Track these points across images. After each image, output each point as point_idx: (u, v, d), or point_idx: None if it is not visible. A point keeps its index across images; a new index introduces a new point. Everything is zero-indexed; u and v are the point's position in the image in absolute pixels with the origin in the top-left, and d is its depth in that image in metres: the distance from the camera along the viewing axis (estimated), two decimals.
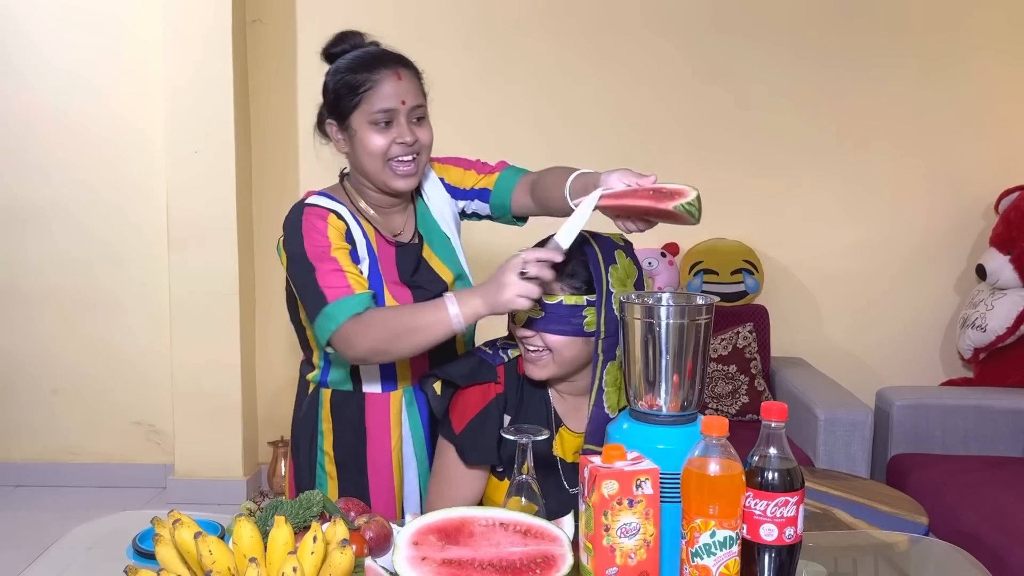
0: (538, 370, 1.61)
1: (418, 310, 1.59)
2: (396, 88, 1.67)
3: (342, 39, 1.75)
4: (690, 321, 1.31)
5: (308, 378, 1.83)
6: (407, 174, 1.70)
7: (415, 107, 1.70)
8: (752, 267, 3.53)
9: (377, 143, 1.67)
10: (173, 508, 1.24)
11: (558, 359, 1.60)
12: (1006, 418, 3.13)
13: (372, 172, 1.70)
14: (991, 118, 3.63)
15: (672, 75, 3.66)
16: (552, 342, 1.58)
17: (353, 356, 1.63)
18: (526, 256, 1.49)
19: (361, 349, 1.59)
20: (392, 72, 1.67)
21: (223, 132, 3.53)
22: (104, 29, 3.68)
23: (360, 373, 1.77)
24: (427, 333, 1.56)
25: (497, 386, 1.65)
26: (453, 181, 1.86)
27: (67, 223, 3.77)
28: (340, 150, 1.76)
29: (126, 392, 3.86)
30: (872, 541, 1.73)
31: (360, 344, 1.59)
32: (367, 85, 1.67)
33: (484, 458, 1.63)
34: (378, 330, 1.57)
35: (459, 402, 1.67)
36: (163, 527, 1.22)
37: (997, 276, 3.41)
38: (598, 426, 1.54)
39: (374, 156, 1.68)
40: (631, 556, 1.18)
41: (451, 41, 3.63)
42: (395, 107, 1.67)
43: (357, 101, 1.67)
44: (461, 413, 1.65)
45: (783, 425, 1.20)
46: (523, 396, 1.67)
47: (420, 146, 1.71)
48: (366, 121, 1.67)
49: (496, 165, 1.88)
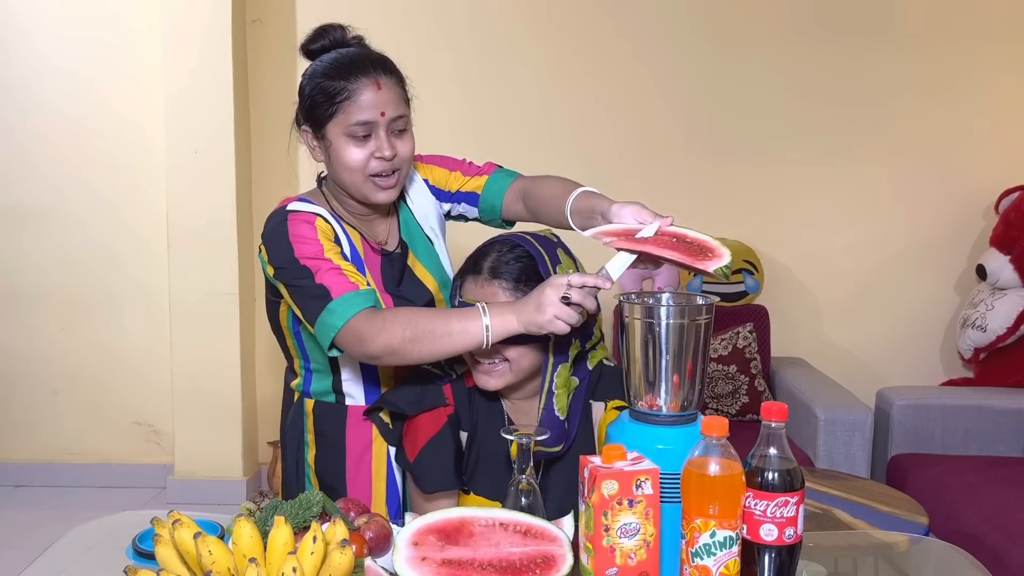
0: (494, 380, 1.57)
1: (447, 315, 1.49)
2: (375, 98, 1.56)
3: (322, 34, 1.66)
4: (690, 321, 1.30)
5: (292, 386, 1.78)
6: (388, 186, 1.61)
7: (396, 118, 1.59)
8: (752, 267, 3.53)
9: (355, 157, 1.58)
10: (173, 508, 1.24)
11: (515, 368, 1.56)
12: (1006, 418, 3.13)
13: (350, 185, 1.62)
14: (991, 118, 3.63)
15: (672, 76, 3.65)
16: (511, 353, 1.54)
17: (364, 353, 1.52)
18: (573, 280, 1.39)
19: (376, 345, 1.48)
20: (371, 81, 1.57)
21: (223, 132, 3.53)
22: (104, 29, 3.68)
23: (342, 385, 1.71)
24: (452, 340, 1.46)
25: (447, 408, 1.62)
26: (437, 182, 1.79)
27: (67, 223, 3.77)
28: (315, 159, 1.66)
29: (126, 392, 3.86)
30: (872, 541, 1.73)
31: (376, 340, 1.47)
32: (344, 94, 1.56)
33: (442, 484, 1.59)
34: (400, 328, 1.47)
35: (411, 429, 1.63)
36: (163, 527, 1.22)
37: (997, 276, 3.41)
38: (550, 426, 1.52)
39: (351, 171, 1.59)
40: (631, 556, 1.18)
41: (448, 41, 3.63)
42: (374, 119, 1.57)
43: (333, 111, 1.57)
44: (413, 440, 1.61)
45: (783, 425, 1.20)
46: (475, 409, 1.64)
47: (400, 160, 1.61)
48: (342, 133, 1.57)
49: (484, 167, 1.80)
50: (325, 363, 1.71)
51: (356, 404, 1.72)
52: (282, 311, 1.71)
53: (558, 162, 3.10)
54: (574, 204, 1.59)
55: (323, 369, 1.72)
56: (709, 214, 3.63)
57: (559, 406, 1.55)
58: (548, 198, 1.66)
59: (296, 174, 3.70)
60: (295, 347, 1.73)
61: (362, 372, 1.71)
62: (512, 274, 1.56)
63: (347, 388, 1.72)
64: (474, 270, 1.60)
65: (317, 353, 1.70)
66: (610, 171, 3.60)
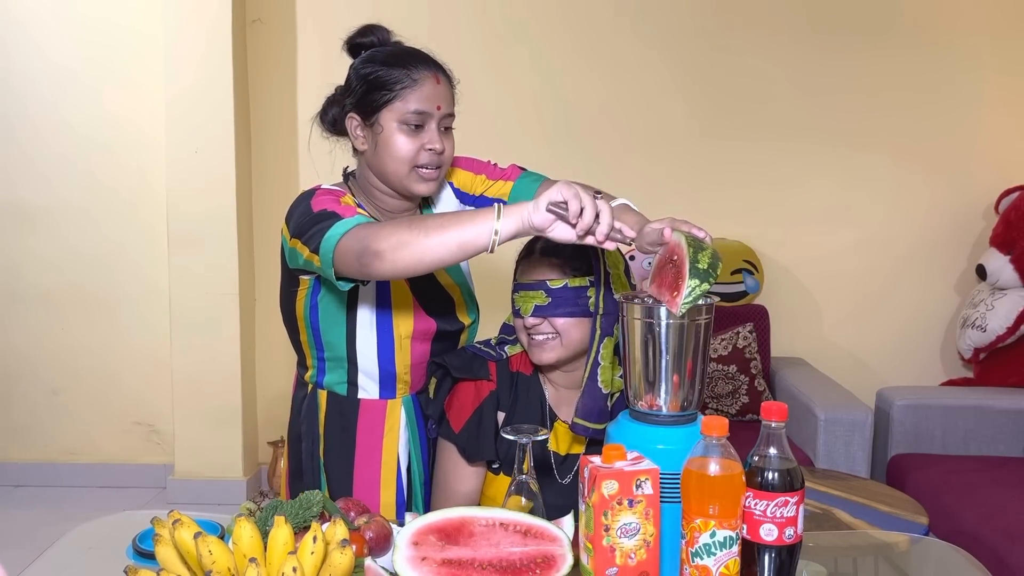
0: (546, 353, 1.64)
1: (458, 212, 1.48)
2: (434, 91, 1.60)
3: (369, 31, 1.68)
4: (690, 321, 1.31)
5: (305, 378, 1.78)
6: (431, 178, 1.63)
7: (447, 115, 1.63)
8: (752, 267, 3.53)
9: (406, 147, 1.59)
10: (173, 508, 1.24)
11: (565, 341, 1.62)
12: (1006, 418, 3.13)
13: (394, 174, 1.62)
14: (991, 118, 3.63)
15: (673, 76, 3.66)
16: (560, 325, 1.61)
17: (372, 248, 1.40)
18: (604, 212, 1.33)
19: (382, 239, 1.39)
20: (432, 74, 1.61)
21: (223, 132, 3.53)
22: (104, 29, 3.69)
23: (357, 377, 1.72)
24: (460, 232, 1.37)
25: (489, 383, 1.68)
26: (462, 185, 1.79)
27: (67, 223, 3.78)
28: (357, 147, 1.66)
29: (126, 392, 3.86)
30: (872, 541, 1.73)
31: (384, 235, 1.40)
32: (405, 82, 1.59)
33: (485, 454, 1.65)
34: (405, 225, 1.41)
35: (455, 402, 1.69)
36: (163, 527, 1.22)
37: (997, 276, 3.41)
38: (591, 398, 1.57)
39: (400, 160, 1.60)
40: (631, 556, 1.18)
41: (453, 41, 3.61)
42: (430, 111, 1.60)
43: (391, 98, 1.59)
44: (458, 413, 1.67)
45: (783, 425, 1.20)
46: (516, 393, 1.69)
47: (446, 157, 1.64)
48: (396, 120, 1.59)
49: (509, 170, 1.80)
50: (341, 354, 1.71)
51: (369, 398, 1.73)
52: (299, 301, 1.70)
53: (557, 161, 3.11)
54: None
55: (338, 359, 1.71)
56: (710, 214, 3.62)
57: (603, 378, 1.58)
58: None
59: (296, 174, 3.70)
60: (309, 340, 1.72)
61: (378, 365, 1.71)
62: (564, 252, 1.61)
63: (362, 381, 1.72)
64: (527, 252, 1.68)
65: (334, 342, 1.70)
66: (610, 170, 3.60)
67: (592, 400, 1.57)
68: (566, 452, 1.68)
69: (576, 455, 1.67)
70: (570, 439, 1.68)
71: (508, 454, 1.66)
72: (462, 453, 1.66)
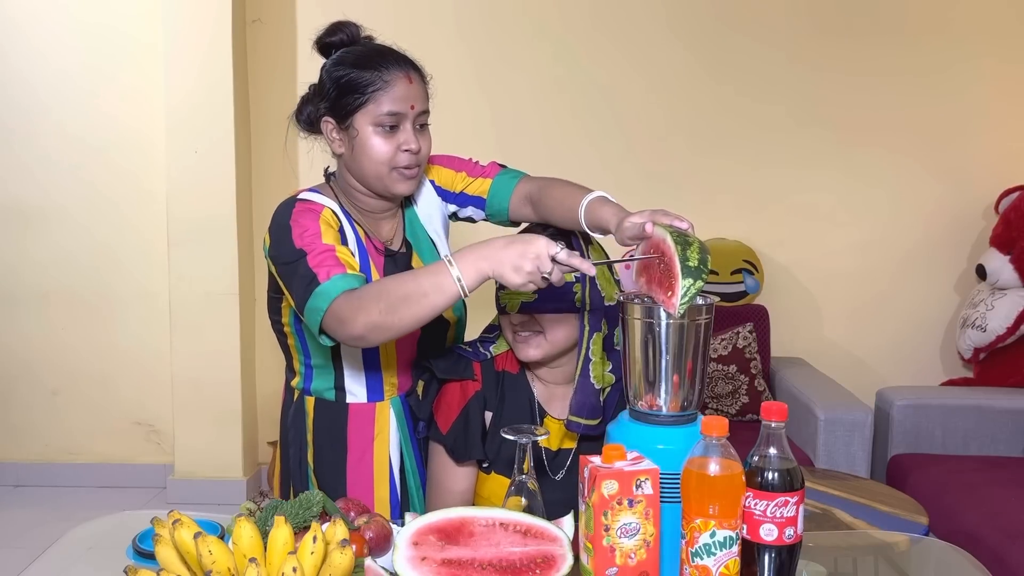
0: (532, 350, 1.64)
1: (415, 275, 1.44)
2: (407, 91, 1.58)
3: (338, 28, 1.66)
4: (690, 321, 1.31)
5: (292, 384, 1.77)
6: (411, 177, 1.63)
7: (422, 113, 1.62)
8: (752, 267, 3.53)
9: (383, 149, 1.59)
10: (173, 508, 1.24)
11: (551, 338, 1.63)
12: (1006, 418, 3.13)
13: (373, 176, 1.62)
14: (991, 118, 3.63)
15: (672, 75, 3.66)
16: (546, 322, 1.62)
17: (350, 335, 1.46)
18: (561, 256, 1.35)
19: (358, 325, 1.43)
20: (404, 74, 1.59)
21: (223, 132, 3.53)
22: (104, 30, 3.68)
23: (344, 382, 1.71)
24: (430, 300, 1.40)
25: (475, 384, 1.68)
26: (443, 183, 1.79)
27: (67, 223, 3.77)
28: (335, 151, 1.66)
29: (126, 392, 3.86)
30: (872, 541, 1.73)
31: (357, 319, 1.43)
32: (377, 84, 1.57)
33: (473, 454, 1.66)
34: (374, 302, 1.42)
35: (442, 404, 1.69)
36: (163, 527, 1.21)
37: (997, 276, 3.41)
38: (584, 394, 1.58)
39: (378, 162, 1.60)
40: (631, 556, 1.18)
41: (449, 39, 3.63)
42: (404, 111, 1.58)
43: (364, 101, 1.58)
44: (445, 414, 1.68)
45: (783, 425, 1.20)
46: (503, 391, 1.69)
47: (423, 156, 1.63)
48: (370, 123, 1.58)
49: (488, 168, 1.78)
50: (327, 360, 1.70)
51: (358, 402, 1.72)
52: (284, 308, 1.70)
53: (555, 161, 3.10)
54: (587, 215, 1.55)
55: (325, 366, 1.71)
56: (710, 214, 3.63)
57: (595, 374, 1.58)
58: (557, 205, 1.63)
59: (296, 172, 3.69)
60: (296, 345, 1.73)
61: (365, 369, 1.70)
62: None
63: (349, 386, 1.71)
64: None
65: (319, 349, 1.69)
66: (609, 170, 3.60)
67: (585, 396, 1.58)
68: (557, 448, 1.69)
69: (568, 450, 1.68)
70: (561, 435, 1.68)
71: (498, 453, 1.66)
72: (450, 454, 1.66)
